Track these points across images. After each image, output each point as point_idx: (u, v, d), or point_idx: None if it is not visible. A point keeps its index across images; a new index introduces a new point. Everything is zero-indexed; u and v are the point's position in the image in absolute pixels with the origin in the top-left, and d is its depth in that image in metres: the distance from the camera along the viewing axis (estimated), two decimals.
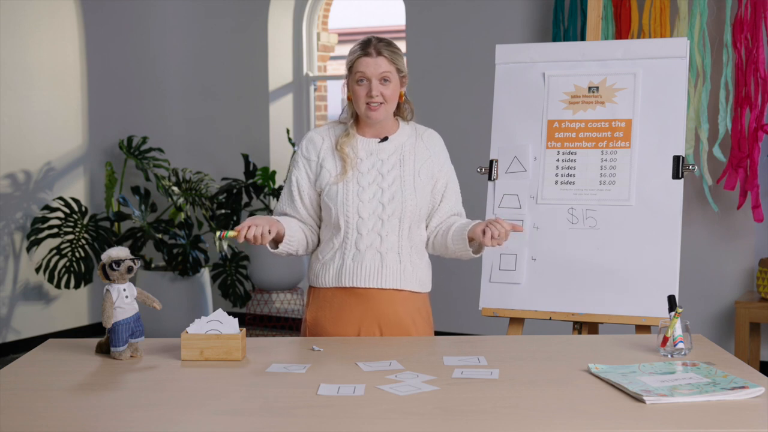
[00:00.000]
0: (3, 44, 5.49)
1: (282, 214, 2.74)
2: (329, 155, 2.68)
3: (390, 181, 2.66)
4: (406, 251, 2.67)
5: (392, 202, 2.63)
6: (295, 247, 2.68)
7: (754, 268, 4.90)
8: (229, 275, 5.92)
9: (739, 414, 1.87)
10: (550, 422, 1.83)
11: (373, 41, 2.63)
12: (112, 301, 2.31)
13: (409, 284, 2.67)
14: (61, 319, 5.88)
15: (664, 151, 3.19)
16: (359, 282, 2.63)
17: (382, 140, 2.69)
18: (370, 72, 2.60)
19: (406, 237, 2.66)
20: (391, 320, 2.65)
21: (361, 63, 2.61)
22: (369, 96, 2.60)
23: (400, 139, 2.72)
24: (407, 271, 2.66)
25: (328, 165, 2.67)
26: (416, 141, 2.73)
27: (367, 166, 2.66)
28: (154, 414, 1.91)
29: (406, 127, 2.75)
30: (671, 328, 2.32)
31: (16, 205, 5.62)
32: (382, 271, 2.63)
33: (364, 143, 2.69)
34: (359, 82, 2.61)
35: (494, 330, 5.05)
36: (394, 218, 2.64)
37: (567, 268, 3.22)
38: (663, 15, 4.69)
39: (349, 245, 2.64)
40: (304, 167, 2.71)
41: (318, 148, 2.70)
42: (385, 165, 2.67)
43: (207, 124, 6.59)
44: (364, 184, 2.64)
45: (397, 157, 2.69)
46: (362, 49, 2.62)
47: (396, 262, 2.65)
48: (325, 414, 1.88)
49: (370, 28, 9.63)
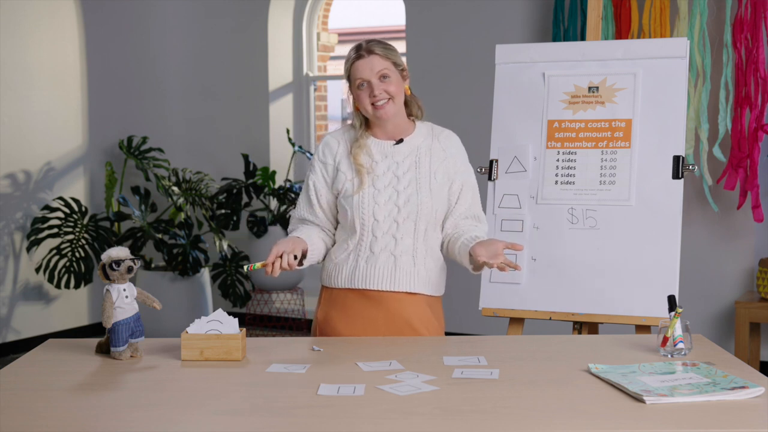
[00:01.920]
0: (3, 44, 5.49)
1: (301, 218, 2.73)
2: (345, 159, 2.67)
3: (405, 183, 2.64)
4: (420, 254, 2.65)
5: (407, 205, 2.62)
6: (317, 257, 2.68)
7: (754, 268, 4.90)
8: (229, 275, 5.92)
9: (739, 414, 1.87)
10: (550, 422, 1.83)
11: (363, 44, 2.64)
12: (112, 301, 2.31)
13: (422, 287, 2.66)
14: (61, 319, 5.88)
15: (664, 151, 3.19)
16: (372, 284, 2.63)
17: (397, 143, 2.68)
18: (367, 73, 2.59)
19: (421, 240, 2.65)
20: (403, 323, 2.64)
21: (356, 68, 2.61)
22: (372, 96, 2.60)
23: (415, 140, 2.70)
24: (421, 275, 2.65)
25: (344, 168, 2.66)
26: (432, 142, 2.71)
27: (382, 168, 2.65)
28: (154, 414, 1.91)
29: (422, 127, 2.73)
30: (671, 328, 2.32)
31: (16, 205, 5.62)
32: (395, 273, 2.62)
33: (378, 146, 2.67)
34: (360, 87, 2.61)
35: (494, 330, 5.05)
36: (410, 221, 2.62)
37: (567, 268, 3.22)
38: (663, 15, 4.69)
39: (363, 247, 2.63)
40: (320, 171, 2.69)
41: (334, 152, 2.69)
42: (401, 167, 2.66)
43: (207, 124, 6.59)
44: (379, 187, 2.63)
45: (412, 159, 2.67)
46: (355, 53, 2.62)
47: (410, 265, 2.64)
48: (325, 414, 1.88)
49: (370, 28, 9.63)
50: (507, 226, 3.29)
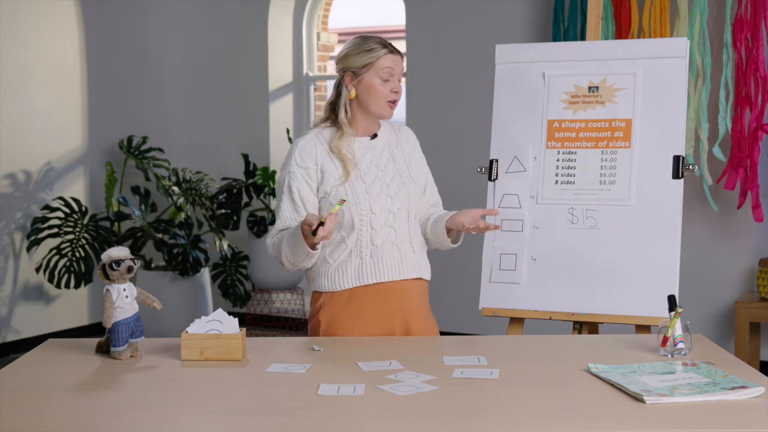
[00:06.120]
0: (3, 44, 5.49)
1: (286, 228, 2.66)
2: (327, 160, 2.67)
3: (390, 175, 2.70)
4: (416, 241, 2.74)
5: (399, 195, 2.68)
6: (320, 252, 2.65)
7: (754, 268, 4.90)
8: (229, 275, 5.92)
9: (739, 414, 1.87)
10: (550, 422, 1.83)
11: (388, 42, 2.69)
12: (112, 301, 2.31)
13: (423, 273, 2.75)
14: (61, 319, 5.88)
15: (664, 151, 3.19)
16: (382, 277, 2.66)
17: (372, 137, 2.73)
18: (398, 69, 2.66)
19: (414, 228, 2.73)
20: (411, 309, 2.69)
21: (388, 59, 2.65)
22: (394, 93, 2.66)
23: (384, 135, 2.77)
24: (420, 261, 2.74)
25: (329, 169, 2.66)
26: (397, 137, 2.80)
27: (365, 163, 2.69)
28: (154, 414, 1.91)
29: (384, 124, 2.80)
30: (671, 328, 2.32)
31: (16, 205, 5.62)
32: (402, 262, 2.68)
33: (358, 142, 2.71)
34: (384, 77, 2.64)
35: (494, 330, 5.05)
36: (403, 210, 2.69)
37: (567, 268, 3.22)
38: (663, 15, 4.69)
39: (364, 243, 2.64)
40: (302, 177, 2.65)
41: (313, 155, 2.67)
42: (381, 161, 2.71)
43: (207, 124, 6.59)
44: (368, 181, 2.66)
45: (388, 153, 2.74)
46: (384, 47, 2.66)
47: (411, 252, 2.71)
48: (325, 414, 1.88)
49: (370, 28, 9.61)
50: (507, 226, 3.29)
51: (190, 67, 6.60)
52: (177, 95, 6.59)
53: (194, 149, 6.58)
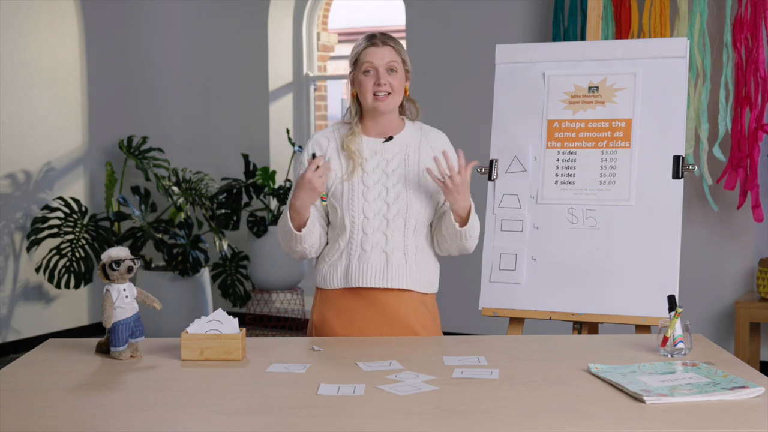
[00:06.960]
0: (3, 44, 5.49)
1: None
2: (335, 156, 2.68)
3: (394, 180, 2.66)
4: (411, 251, 2.66)
5: (397, 202, 2.64)
6: (315, 239, 2.65)
7: (754, 268, 4.90)
8: (229, 275, 5.92)
9: (739, 414, 1.87)
10: (550, 422, 1.83)
11: (378, 34, 2.68)
12: (112, 301, 2.31)
13: (414, 284, 2.66)
14: (61, 319, 5.88)
15: (664, 151, 3.19)
16: (365, 282, 2.63)
17: (386, 140, 2.70)
18: (378, 62, 2.63)
19: (411, 236, 2.66)
20: (399, 321, 2.64)
21: (368, 53, 2.64)
22: (377, 85, 2.62)
23: (404, 138, 2.72)
24: (412, 272, 2.66)
25: (334, 165, 2.67)
26: (421, 140, 2.73)
27: (372, 165, 2.67)
28: (154, 414, 1.91)
29: (411, 126, 2.76)
30: (671, 328, 2.32)
31: (16, 205, 5.62)
32: (388, 271, 2.63)
33: (368, 143, 2.69)
34: (366, 72, 2.63)
35: (494, 330, 5.05)
36: (399, 217, 2.64)
37: (567, 268, 3.22)
38: (663, 15, 4.69)
39: (354, 245, 2.64)
40: None
41: (324, 149, 2.70)
42: (390, 164, 2.67)
43: (207, 124, 6.59)
44: (369, 184, 2.65)
45: (402, 157, 2.69)
46: (368, 41, 2.65)
47: (402, 261, 2.64)
48: (325, 414, 1.88)
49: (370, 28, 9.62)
50: (507, 226, 3.29)
51: (190, 67, 6.59)
52: (177, 95, 6.59)
53: (194, 149, 6.58)
